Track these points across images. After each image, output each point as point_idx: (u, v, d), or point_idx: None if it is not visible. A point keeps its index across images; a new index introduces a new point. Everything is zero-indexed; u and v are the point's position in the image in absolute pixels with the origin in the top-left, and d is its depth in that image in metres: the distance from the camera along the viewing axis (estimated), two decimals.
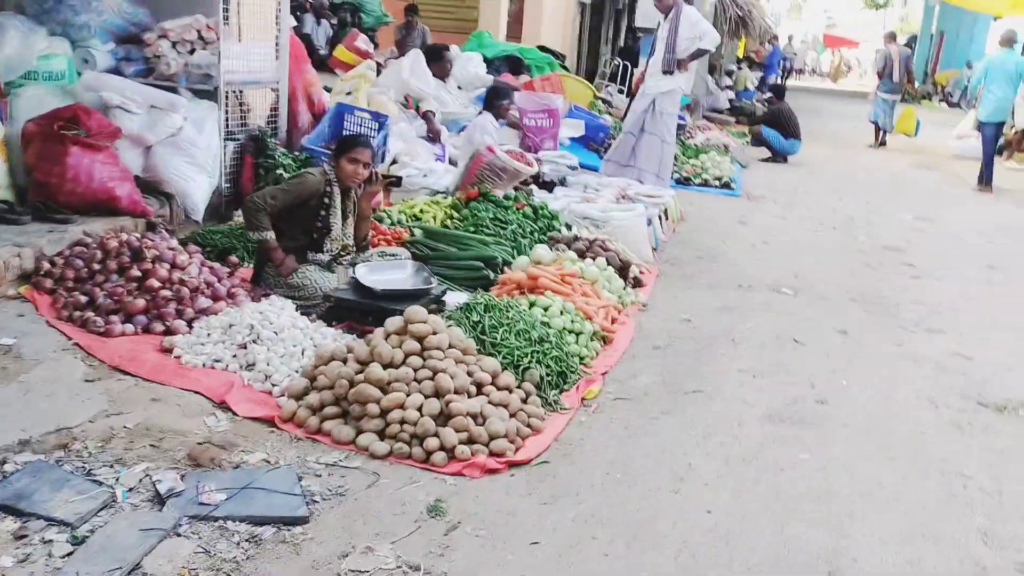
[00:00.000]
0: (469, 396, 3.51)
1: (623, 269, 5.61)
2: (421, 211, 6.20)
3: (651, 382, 4.23)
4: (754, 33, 18.93)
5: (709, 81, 19.42)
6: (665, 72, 8.22)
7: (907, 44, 26.79)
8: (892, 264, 7.05)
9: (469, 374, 3.59)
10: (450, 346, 3.66)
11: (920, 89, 28.71)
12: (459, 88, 8.73)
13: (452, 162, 7.49)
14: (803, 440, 3.75)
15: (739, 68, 24.73)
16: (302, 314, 4.15)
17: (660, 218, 7.26)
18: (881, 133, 15.93)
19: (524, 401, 3.70)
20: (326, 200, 4.60)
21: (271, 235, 4.45)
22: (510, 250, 5.46)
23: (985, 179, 11.62)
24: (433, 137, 7.87)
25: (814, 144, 14.22)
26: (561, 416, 3.75)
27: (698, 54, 8.30)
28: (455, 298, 4.68)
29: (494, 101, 7.12)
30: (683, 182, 9.77)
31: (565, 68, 12.95)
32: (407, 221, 5.97)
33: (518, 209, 6.18)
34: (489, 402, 3.52)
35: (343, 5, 15.17)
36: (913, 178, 12.48)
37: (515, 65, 11.89)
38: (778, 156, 12.71)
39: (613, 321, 4.85)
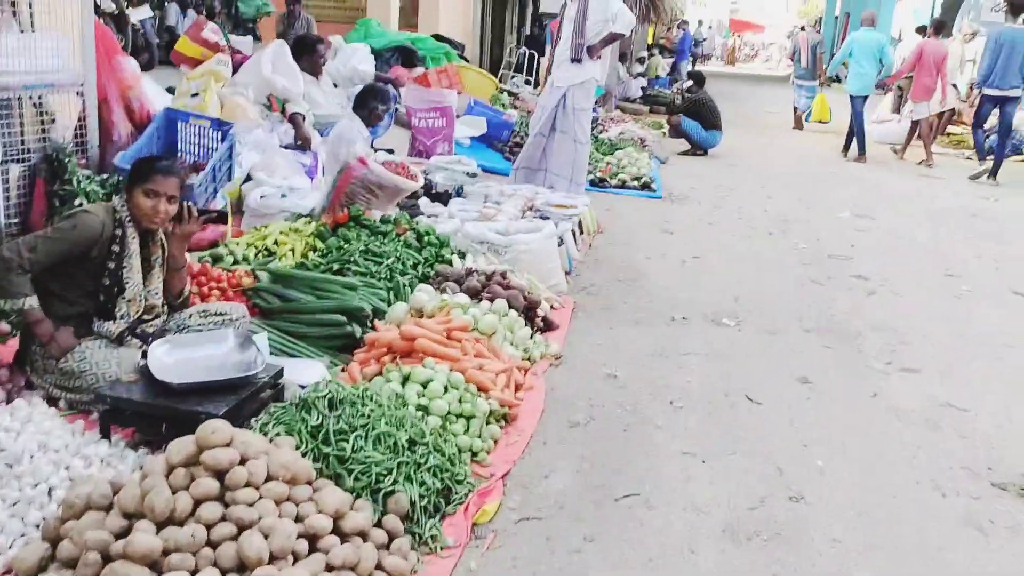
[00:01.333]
0: (296, 559, 2.32)
1: (529, 309, 4.48)
2: (276, 243, 4.96)
3: (568, 485, 3.10)
4: (664, 18, 18.07)
5: (620, 69, 18.49)
6: (574, 60, 7.13)
7: (815, 28, 26.57)
8: (841, 277, 6.11)
9: (299, 520, 2.40)
10: (269, 478, 2.46)
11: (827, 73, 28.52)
12: (335, 86, 7.45)
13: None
14: (781, 568, 2.68)
15: (650, 55, 23.94)
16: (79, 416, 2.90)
17: (574, 233, 6.17)
18: (802, 117, 15.76)
19: (386, 547, 2.54)
20: (116, 248, 3.33)
21: (32, 302, 3.17)
22: (384, 294, 4.27)
23: (860, 149, 12.02)
24: (303, 144, 6.59)
25: (732, 131, 13.38)
26: (441, 561, 2.60)
27: (611, 39, 7.22)
28: (307, 372, 3.48)
29: (367, 102, 5.88)
30: (598, 184, 8.71)
31: (464, 59, 11.76)
32: (255, 258, 4.71)
33: (398, 235, 5.00)
34: (328, 567, 2.34)
35: None
36: (838, 167, 11.72)
37: (408, 57, 10.65)
38: (698, 148, 11.80)
39: (517, 389, 3.71)
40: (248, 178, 5.67)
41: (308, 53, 7.01)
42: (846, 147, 12.37)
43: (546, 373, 4.03)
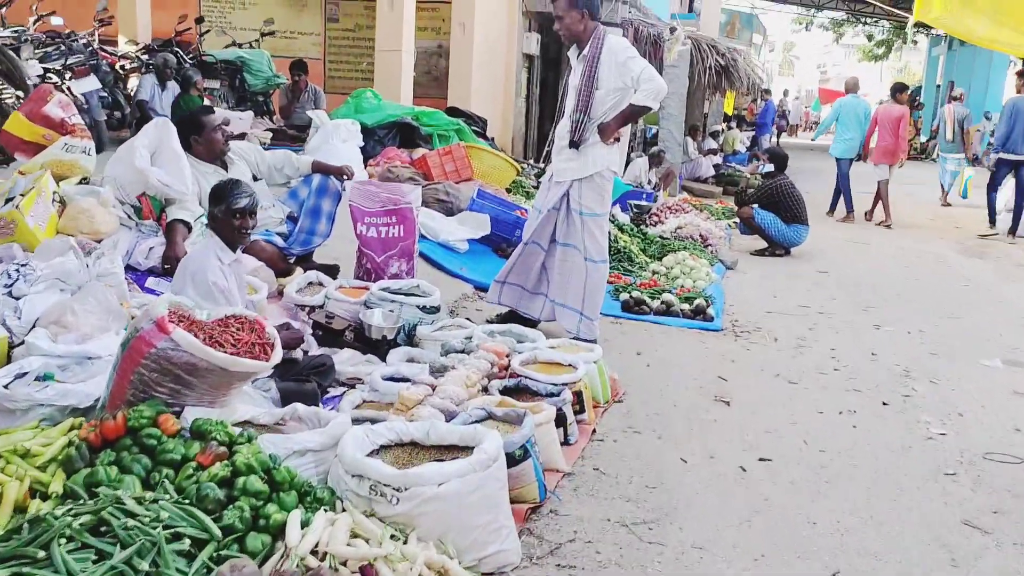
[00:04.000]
0: None
1: None
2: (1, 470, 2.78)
3: None
4: (739, 86, 15.77)
5: (690, 144, 16.20)
6: (575, 145, 4.89)
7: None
8: (1018, 511, 3.57)
9: None
10: None
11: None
12: (255, 179, 5.35)
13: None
14: None
15: (728, 127, 21.60)
16: None
17: (563, 420, 3.82)
18: (944, 195, 15.01)
19: None
20: None
21: None
22: None
23: (847, 208, 12.43)
24: (170, 269, 4.47)
25: (820, 222, 10.88)
26: None
27: (631, 114, 4.94)
28: None
29: (220, 205, 3.73)
30: (633, 307, 6.33)
31: (483, 137, 9.62)
32: None
33: (203, 465, 2.75)
34: None
35: (216, 66, 11.98)
36: (965, 272, 9.06)
37: (407, 135, 8.59)
38: (777, 248, 9.34)
39: None
40: (19, 343, 3.52)
41: (196, 132, 4.93)
42: (831, 209, 12.80)
43: None
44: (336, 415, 3.22)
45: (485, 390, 3.95)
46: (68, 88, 7.96)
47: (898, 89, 12.85)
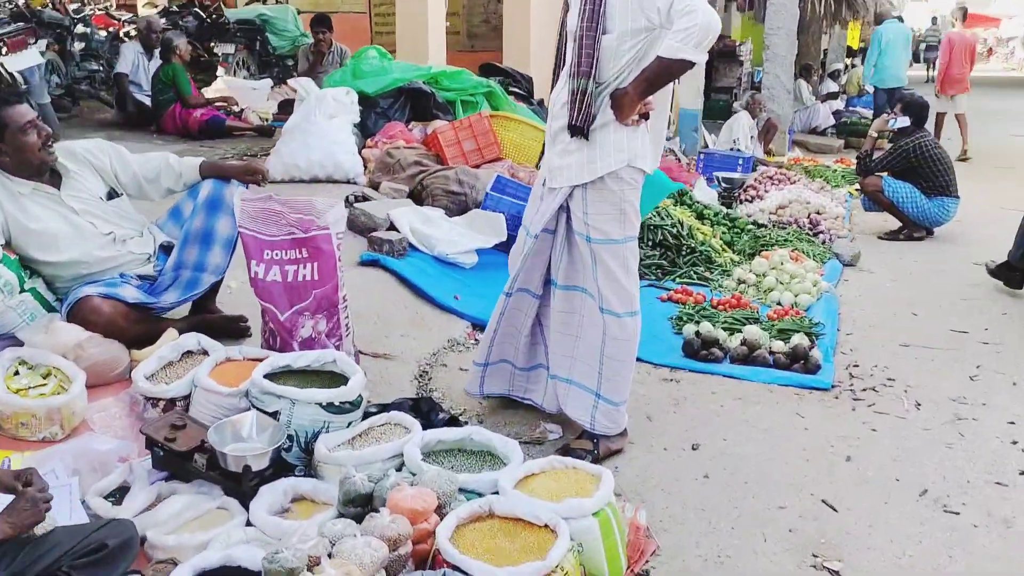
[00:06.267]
0: None
1: None
2: None
3: None
4: (864, 14, 13.14)
5: (803, 89, 13.69)
6: (575, 129, 2.97)
7: None
8: None
9: None
10: None
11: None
12: (114, 195, 3.57)
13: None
14: None
15: (852, 65, 18.68)
16: None
17: None
18: None
19: None
20: None
21: None
22: None
23: None
24: None
25: (972, 186, 8.43)
26: None
27: (662, 74, 2.93)
28: None
29: None
30: (700, 352, 4.33)
31: (526, 101, 7.63)
32: None
33: None
34: None
35: (230, 28, 10.42)
36: None
37: (422, 104, 6.73)
38: (915, 229, 7.06)
39: None
40: None
41: None
42: None
43: None
44: None
45: None
46: (1, 65, 6.50)
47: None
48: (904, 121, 6.99)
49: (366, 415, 3.10)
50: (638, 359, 4.15)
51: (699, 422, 3.67)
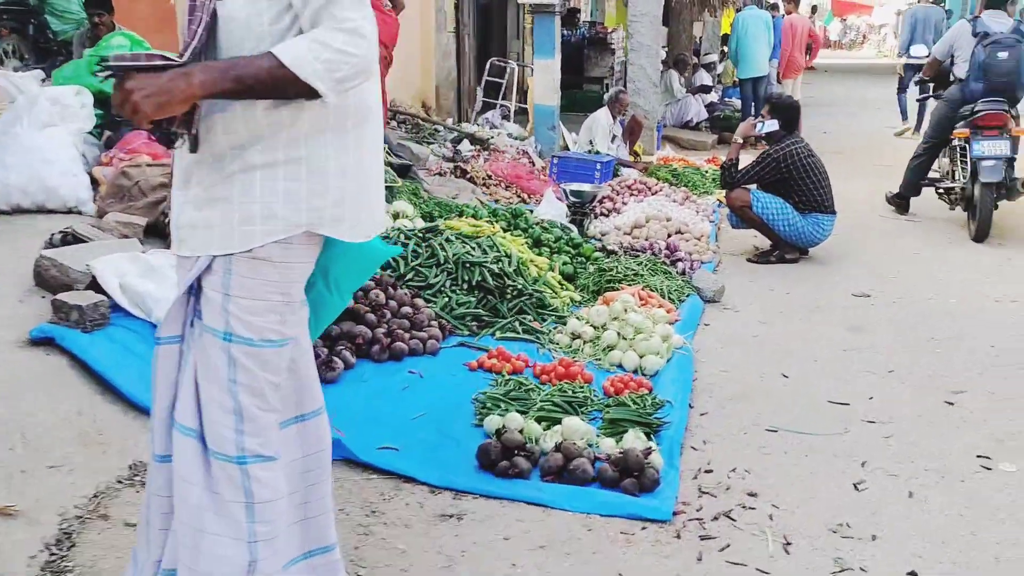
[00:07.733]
0: None
1: None
2: None
3: None
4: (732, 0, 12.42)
5: (674, 81, 12.79)
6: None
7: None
8: None
9: None
10: None
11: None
12: None
13: None
14: None
15: (726, 55, 17.96)
16: None
17: None
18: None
19: None
20: None
21: None
22: None
23: None
24: None
25: (854, 192, 7.61)
26: None
27: (272, 84, 1.65)
28: None
29: None
30: (499, 466, 3.10)
31: None
32: None
33: None
34: None
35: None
36: None
37: None
38: (787, 249, 6.08)
39: None
40: None
41: None
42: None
43: None
44: None
45: None
46: None
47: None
48: (773, 125, 5.99)
49: None
50: (412, 479, 2.95)
51: None
